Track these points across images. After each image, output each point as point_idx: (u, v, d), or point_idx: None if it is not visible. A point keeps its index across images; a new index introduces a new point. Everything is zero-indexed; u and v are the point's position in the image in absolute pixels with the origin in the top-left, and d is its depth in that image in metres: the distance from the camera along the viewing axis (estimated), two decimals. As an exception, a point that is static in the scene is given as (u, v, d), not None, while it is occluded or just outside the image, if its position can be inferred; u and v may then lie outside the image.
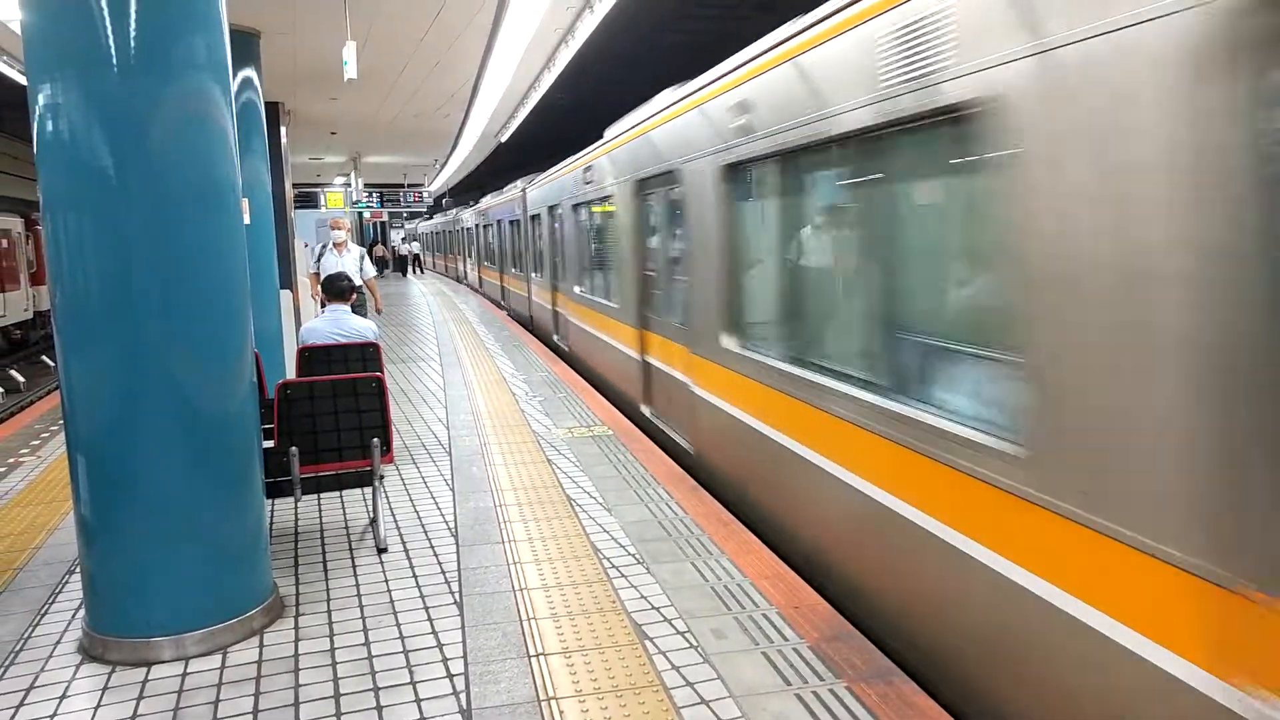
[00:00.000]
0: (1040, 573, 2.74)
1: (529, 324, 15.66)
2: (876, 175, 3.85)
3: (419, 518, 5.19)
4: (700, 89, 5.95)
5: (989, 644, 3.06)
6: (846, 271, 4.42)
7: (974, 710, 3.16)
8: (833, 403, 4.12)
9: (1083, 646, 2.57)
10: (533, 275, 15.19)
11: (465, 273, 29.82)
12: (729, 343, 5.48)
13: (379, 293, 10.63)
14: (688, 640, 3.57)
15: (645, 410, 7.79)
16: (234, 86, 3.82)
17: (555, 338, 12.87)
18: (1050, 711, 2.77)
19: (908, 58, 3.30)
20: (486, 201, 22.57)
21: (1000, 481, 2.89)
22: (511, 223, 17.44)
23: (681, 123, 6.31)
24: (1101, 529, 2.47)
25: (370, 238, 37.51)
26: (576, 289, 11.05)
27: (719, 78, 5.57)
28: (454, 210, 33.56)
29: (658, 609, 3.86)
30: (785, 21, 4.73)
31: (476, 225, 24.75)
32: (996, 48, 2.80)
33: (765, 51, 4.79)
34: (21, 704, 3.26)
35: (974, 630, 3.13)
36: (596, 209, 9.84)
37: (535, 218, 14.24)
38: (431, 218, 44.15)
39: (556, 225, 12.32)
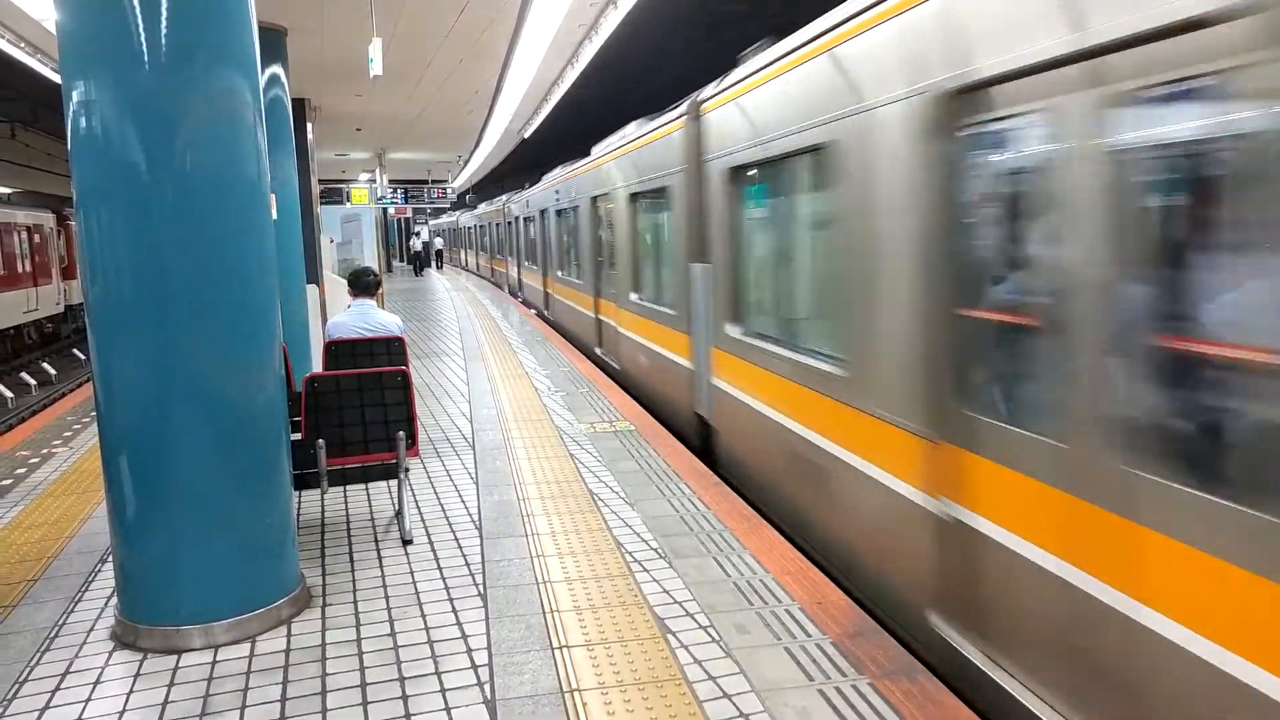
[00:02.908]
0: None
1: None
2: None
3: (443, 510, 5.23)
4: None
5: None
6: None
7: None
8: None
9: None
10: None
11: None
12: (562, 274, 14.41)
13: None
14: (710, 635, 3.58)
15: (545, 313, 16.42)
16: (261, 83, 3.86)
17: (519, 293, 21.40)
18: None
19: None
20: None
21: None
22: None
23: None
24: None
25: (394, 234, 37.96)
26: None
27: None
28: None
29: (680, 603, 3.87)
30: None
31: None
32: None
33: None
34: (57, 689, 3.33)
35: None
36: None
37: None
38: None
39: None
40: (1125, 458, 2.55)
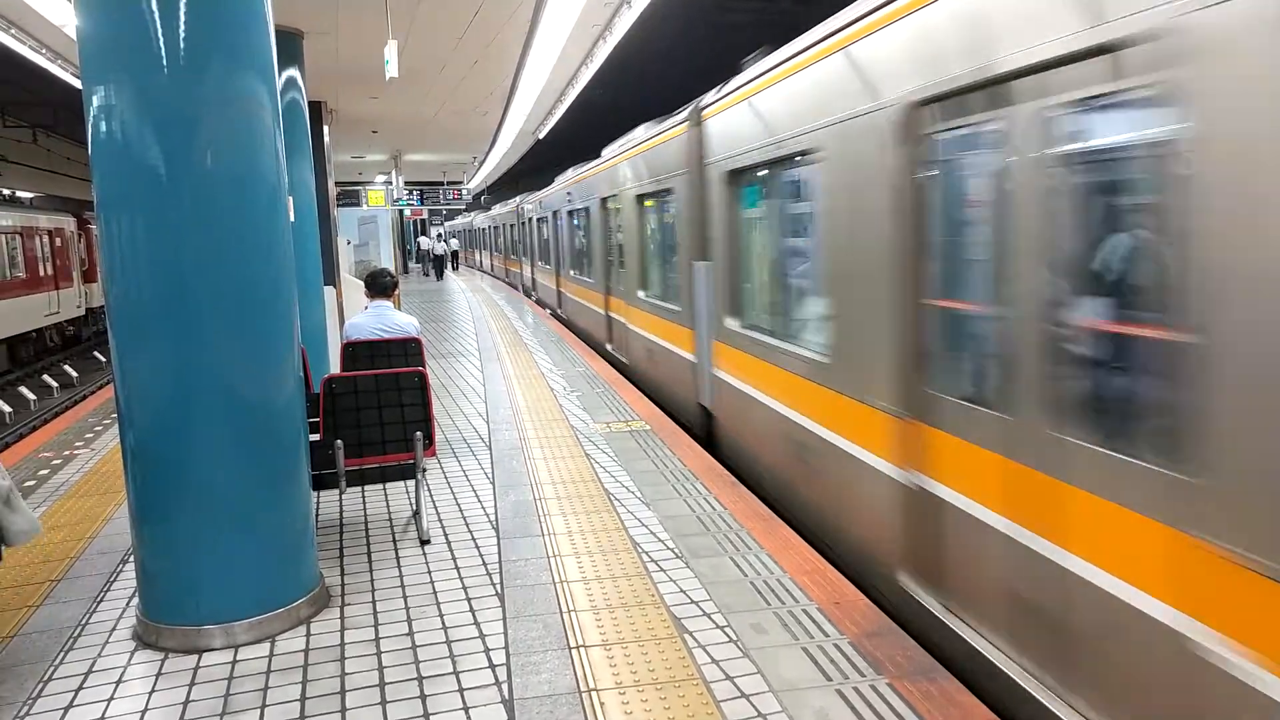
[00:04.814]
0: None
1: None
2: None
3: (460, 510, 5.25)
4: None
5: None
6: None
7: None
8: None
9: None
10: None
11: None
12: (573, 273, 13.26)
13: None
14: (727, 635, 3.57)
15: (560, 313, 15.62)
16: (278, 86, 3.88)
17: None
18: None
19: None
20: None
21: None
22: None
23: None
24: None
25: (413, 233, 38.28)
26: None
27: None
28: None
29: (697, 603, 3.86)
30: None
31: None
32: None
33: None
34: (80, 688, 3.36)
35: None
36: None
37: None
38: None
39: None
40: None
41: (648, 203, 9.24)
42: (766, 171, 5.88)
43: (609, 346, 11.84)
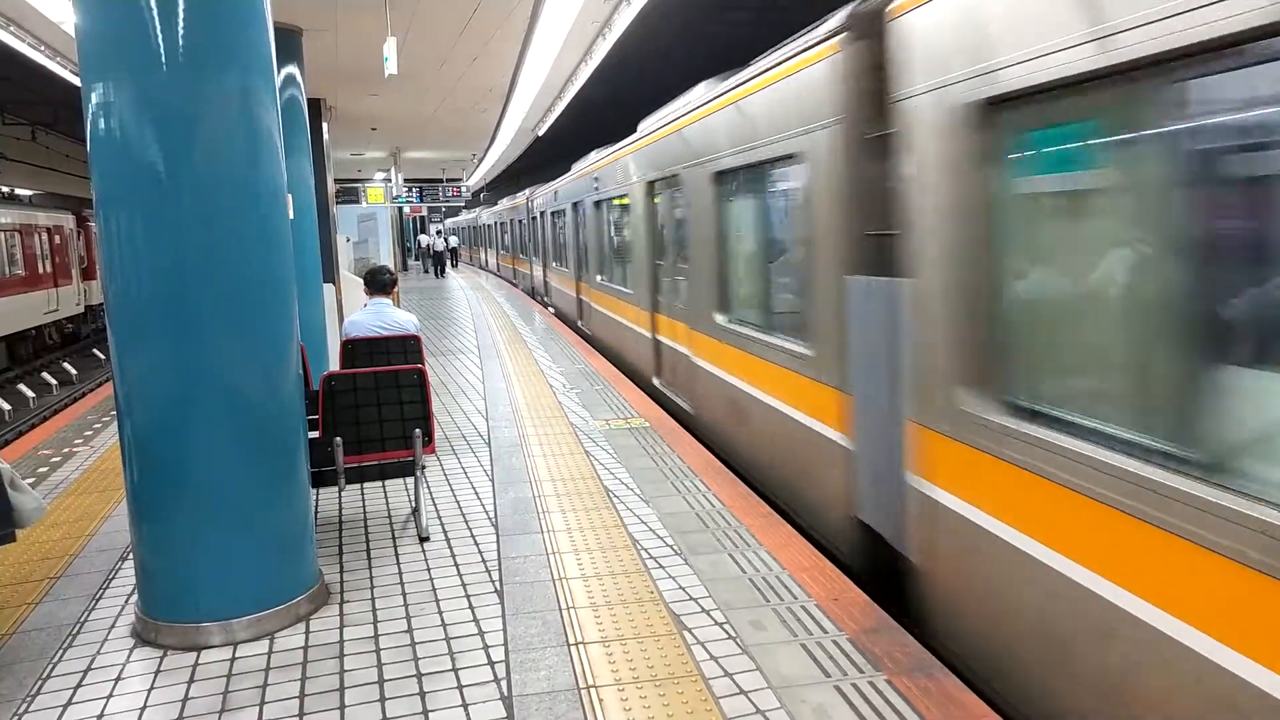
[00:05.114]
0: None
1: None
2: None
3: (460, 507, 5.25)
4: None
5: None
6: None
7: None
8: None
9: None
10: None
11: None
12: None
13: None
14: (726, 631, 3.57)
15: (583, 327, 13.71)
16: (277, 83, 3.88)
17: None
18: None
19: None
20: None
21: None
22: None
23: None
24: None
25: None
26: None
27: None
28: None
29: (696, 600, 3.87)
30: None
31: None
32: None
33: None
34: (79, 685, 3.37)
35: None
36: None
37: None
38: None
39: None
40: None
41: (734, 182, 6.31)
42: (1162, 87, 2.44)
43: (657, 381, 8.99)
